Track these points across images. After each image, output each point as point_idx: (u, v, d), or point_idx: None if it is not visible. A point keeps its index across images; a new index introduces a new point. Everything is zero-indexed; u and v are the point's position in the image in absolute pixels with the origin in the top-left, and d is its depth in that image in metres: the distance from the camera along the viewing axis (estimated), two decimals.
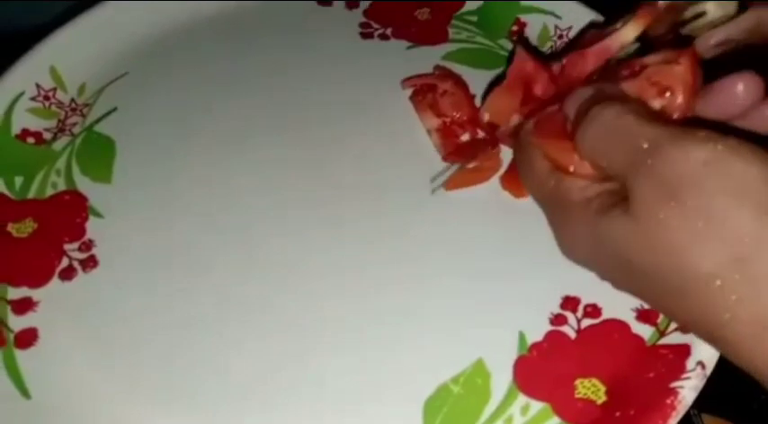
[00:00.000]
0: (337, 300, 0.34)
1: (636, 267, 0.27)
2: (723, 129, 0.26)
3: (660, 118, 0.29)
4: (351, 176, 0.39)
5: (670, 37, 0.38)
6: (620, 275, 0.28)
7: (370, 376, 0.32)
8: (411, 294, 0.35)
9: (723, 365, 0.30)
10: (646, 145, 0.27)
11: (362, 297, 0.35)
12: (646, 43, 0.36)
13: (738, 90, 0.30)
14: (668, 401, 0.29)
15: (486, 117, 0.38)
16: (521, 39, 0.44)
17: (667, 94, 0.31)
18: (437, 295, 0.35)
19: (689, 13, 0.37)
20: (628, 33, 0.36)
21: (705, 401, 0.36)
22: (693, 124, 0.28)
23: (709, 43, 0.38)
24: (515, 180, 0.36)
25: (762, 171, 0.24)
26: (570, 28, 0.45)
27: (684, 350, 0.31)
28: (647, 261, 0.26)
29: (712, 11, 0.36)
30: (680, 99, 0.31)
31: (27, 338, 0.33)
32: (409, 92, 0.42)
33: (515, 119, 0.36)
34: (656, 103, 0.31)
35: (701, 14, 0.36)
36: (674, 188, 0.25)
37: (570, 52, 0.37)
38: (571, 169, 0.31)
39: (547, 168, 0.32)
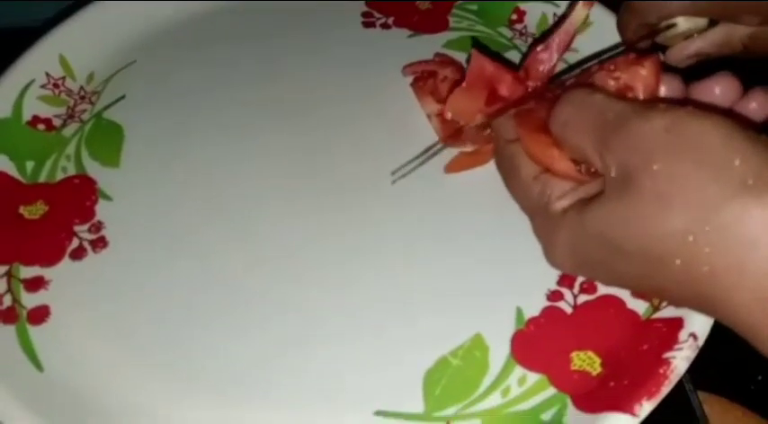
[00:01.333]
0: (340, 281, 0.35)
1: (621, 248, 0.27)
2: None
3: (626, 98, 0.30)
4: (353, 161, 0.40)
5: (645, 46, 0.39)
6: (608, 265, 0.28)
7: (372, 351, 0.33)
8: (411, 273, 0.35)
9: (720, 343, 0.31)
10: (613, 120, 0.28)
11: (365, 278, 0.35)
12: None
13: (716, 93, 0.31)
14: (661, 371, 0.30)
15: (448, 115, 0.39)
16: (477, 43, 0.45)
17: (629, 94, 0.32)
18: (437, 274, 0.35)
19: (662, 24, 0.38)
20: (579, 13, 0.39)
21: (702, 379, 0.37)
22: None
23: (682, 55, 0.39)
24: None
25: (718, 128, 0.25)
26: None
27: (677, 323, 0.32)
28: (629, 236, 0.26)
29: (682, 22, 0.38)
30: (640, 99, 0.32)
31: (39, 314, 0.34)
32: (410, 78, 0.43)
33: (479, 118, 0.38)
34: None
35: (672, 25, 0.38)
36: (640, 156, 0.26)
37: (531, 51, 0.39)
38: (548, 162, 0.31)
39: (533, 173, 0.32)
